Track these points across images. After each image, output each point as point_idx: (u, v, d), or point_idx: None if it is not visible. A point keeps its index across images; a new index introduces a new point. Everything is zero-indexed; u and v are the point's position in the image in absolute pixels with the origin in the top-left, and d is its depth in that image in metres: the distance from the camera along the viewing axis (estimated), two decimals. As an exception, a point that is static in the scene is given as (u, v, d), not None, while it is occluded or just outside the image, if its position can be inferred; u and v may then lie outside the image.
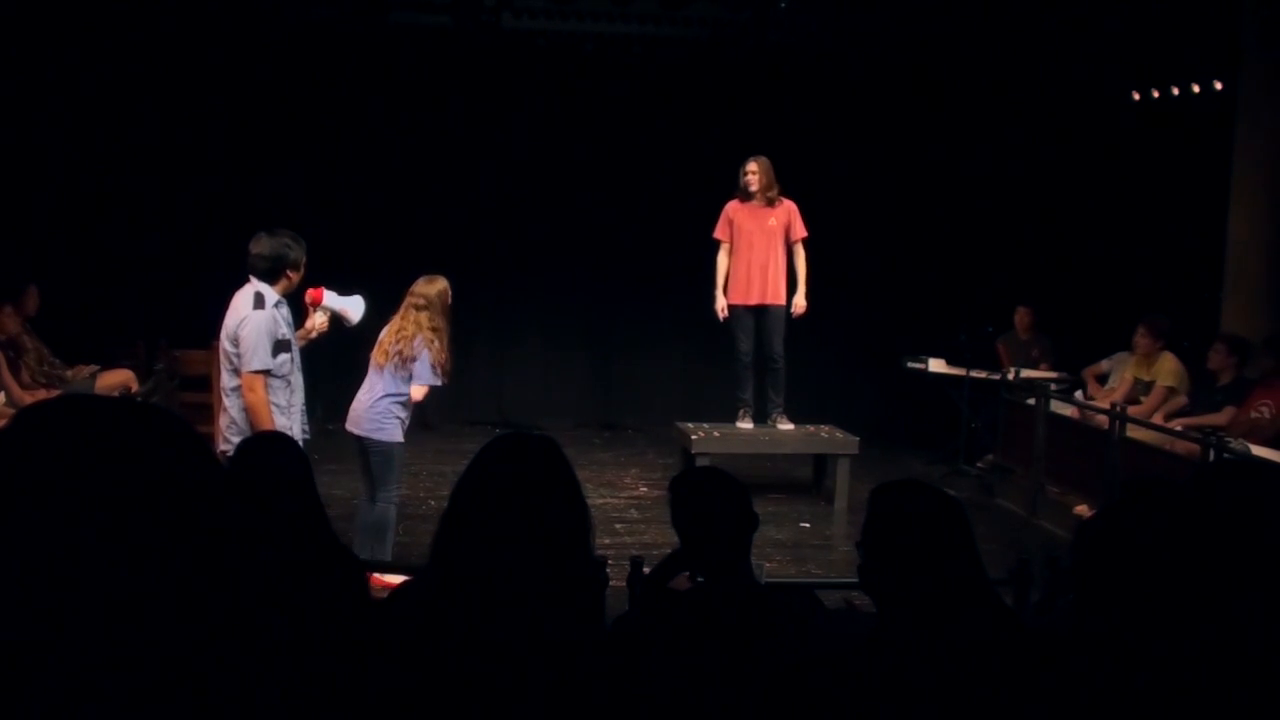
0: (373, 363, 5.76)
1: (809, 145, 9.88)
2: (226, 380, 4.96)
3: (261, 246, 4.92)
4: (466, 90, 9.99)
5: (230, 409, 4.95)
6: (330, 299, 5.29)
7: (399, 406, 5.68)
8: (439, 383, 5.73)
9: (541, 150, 10.12)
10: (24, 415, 1.08)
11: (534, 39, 9.84)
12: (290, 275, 4.98)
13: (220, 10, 9.25)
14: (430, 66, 9.91)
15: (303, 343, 5.33)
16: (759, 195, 8.02)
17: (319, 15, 9.43)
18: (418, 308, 5.70)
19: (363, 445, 5.74)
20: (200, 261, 9.12)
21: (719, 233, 8.16)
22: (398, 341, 5.65)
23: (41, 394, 7.21)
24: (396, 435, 5.70)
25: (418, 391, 5.65)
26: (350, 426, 5.77)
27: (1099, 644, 1.92)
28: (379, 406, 5.66)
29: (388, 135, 9.92)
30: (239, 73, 9.49)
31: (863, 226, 10.32)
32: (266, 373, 4.83)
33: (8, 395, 7.10)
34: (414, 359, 5.61)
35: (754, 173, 8.01)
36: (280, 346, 4.89)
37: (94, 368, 8.02)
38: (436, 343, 5.65)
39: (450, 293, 5.84)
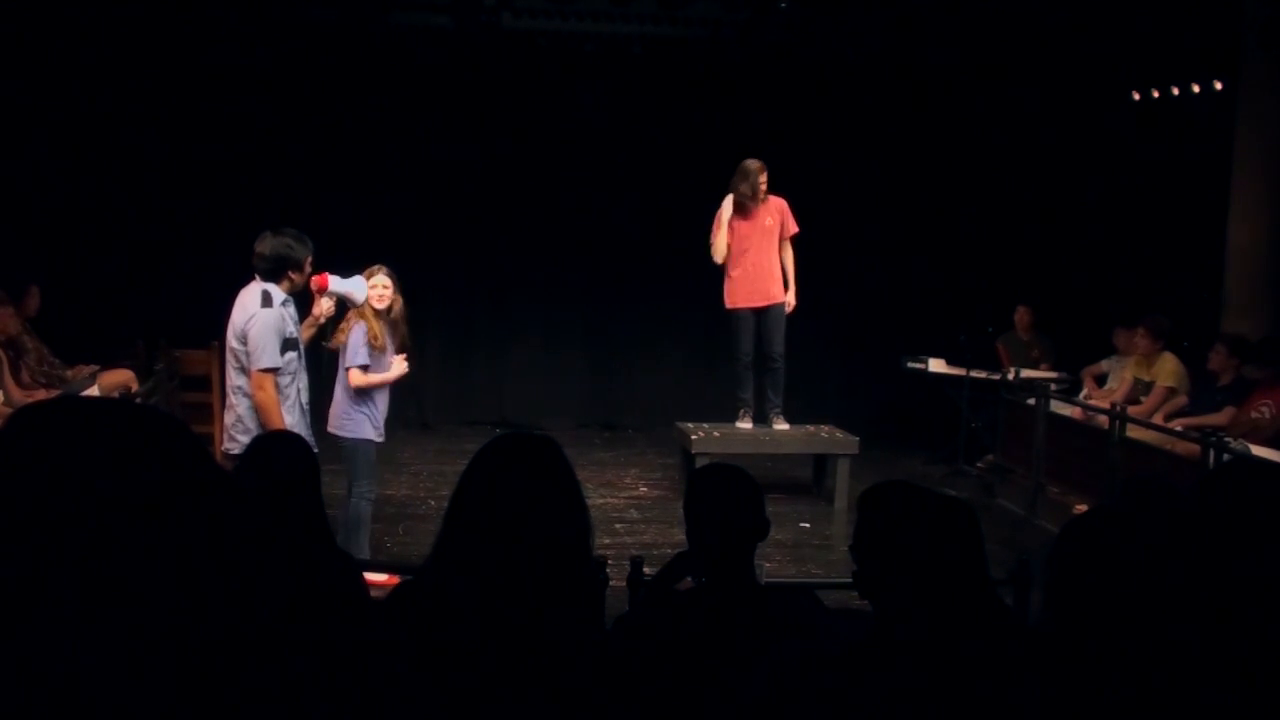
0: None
1: (808, 145, 9.88)
2: (233, 378, 4.98)
3: (264, 246, 4.96)
4: (466, 90, 9.99)
5: (237, 407, 4.96)
6: (335, 283, 5.40)
7: (361, 401, 5.72)
8: (365, 361, 5.68)
9: (541, 150, 10.12)
10: (19, 417, 1.08)
11: (534, 39, 9.84)
12: (293, 276, 5.01)
13: (220, 10, 9.25)
14: (430, 66, 9.91)
15: (312, 329, 5.40)
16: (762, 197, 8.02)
17: (319, 15, 9.43)
18: None
19: (337, 443, 5.79)
20: (200, 261, 9.13)
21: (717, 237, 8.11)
22: (340, 332, 5.75)
23: (41, 394, 7.20)
24: (360, 431, 5.74)
25: (353, 376, 5.68)
26: (328, 427, 5.82)
27: (1083, 642, 1.92)
28: (342, 403, 5.77)
29: (388, 135, 9.92)
30: (239, 72, 9.49)
31: (863, 226, 10.33)
32: (275, 371, 4.86)
33: (6, 395, 7.10)
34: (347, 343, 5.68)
35: (765, 179, 7.98)
36: (288, 345, 4.94)
37: (94, 368, 8.01)
38: (371, 326, 5.65)
39: (392, 282, 5.78)
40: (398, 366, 5.82)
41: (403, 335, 5.89)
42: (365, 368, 5.71)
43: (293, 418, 4.95)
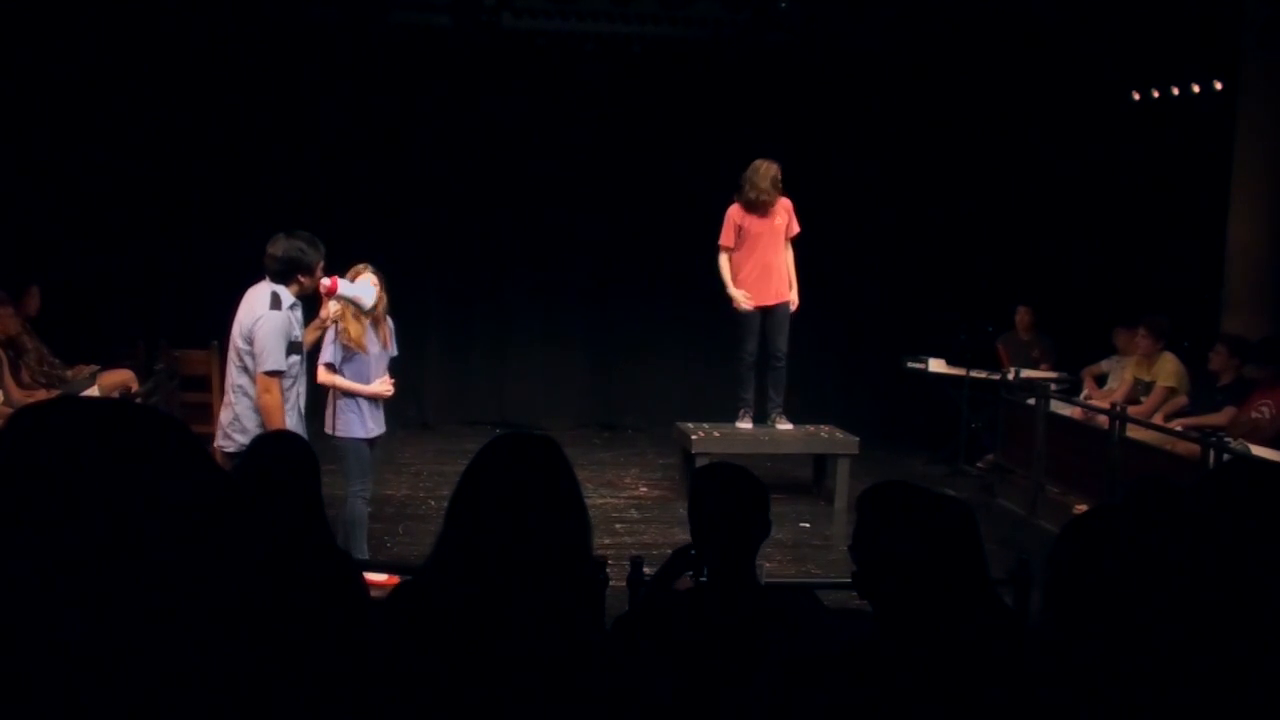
0: None
1: (809, 145, 9.88)
2: (234, 376, 4.96)
3: (276, 248, 4.96)
4: (466, 90, 9.99)
5: (235, 406, 4.94)
6: (344, 287, 5.40)
7: (346, 400, 5.73)
8: (330, 359, 5.69)
9: (541, 150, 10.12)
10: (18, 418, 1.07)
11: (534, 39, 9.84)
12: (302, 279, 5.00)
13: (220, 10, 9.25)
14: (430, 66, 9.91)
15: (317, 332, 5.39)
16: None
17: (319, 15, 9.43)
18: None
19: (331, 443, 5.80)
20: (200, 261, 9.14)
21: (727, 239, 8.11)
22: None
23: (41, 394, 7.20)
24: (349, 430, 5.75)
25: (319, 373, 5.70)
26: (325, 428, 5.83)
27: (1084, 642, 1.91)
28: (330, 402, 5.79)
29: (388, 135, 9.92)
30: (239, 72, 9.50)
31: (863, 226, 10.32)
32: (279, 374, 4.85)
33: (6, 395, 7.10)
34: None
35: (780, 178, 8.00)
36: (292, 348, 4.94)
37: (94, 368, 8.01)
38: (350, 327, 5.63)
39: (378, 280, 5.77)
40: (379, 385, 5.79)
41: (384, 336, 5.86)
42: (331, 366, 5.70)
43: (291, 420, 4.95)
